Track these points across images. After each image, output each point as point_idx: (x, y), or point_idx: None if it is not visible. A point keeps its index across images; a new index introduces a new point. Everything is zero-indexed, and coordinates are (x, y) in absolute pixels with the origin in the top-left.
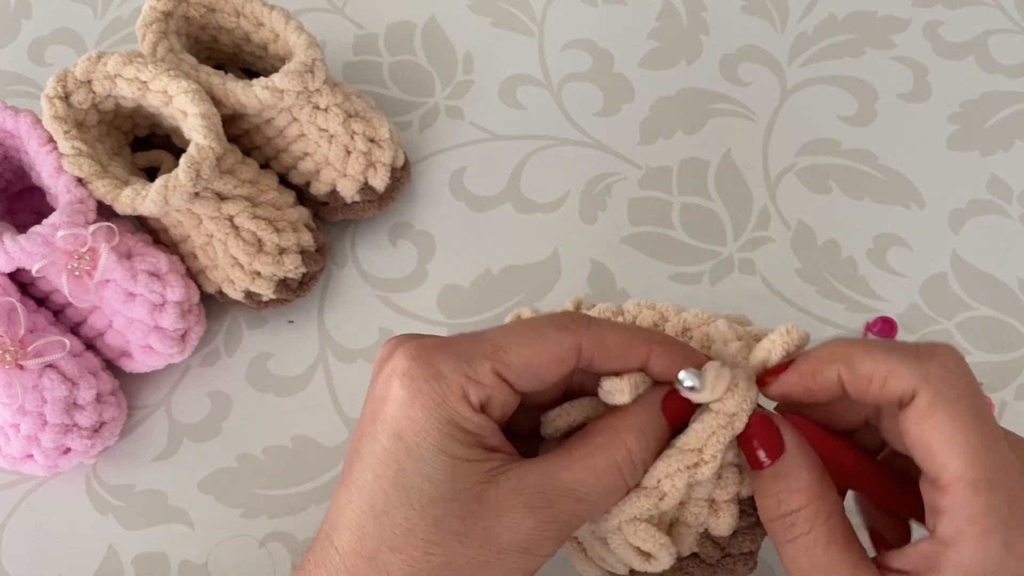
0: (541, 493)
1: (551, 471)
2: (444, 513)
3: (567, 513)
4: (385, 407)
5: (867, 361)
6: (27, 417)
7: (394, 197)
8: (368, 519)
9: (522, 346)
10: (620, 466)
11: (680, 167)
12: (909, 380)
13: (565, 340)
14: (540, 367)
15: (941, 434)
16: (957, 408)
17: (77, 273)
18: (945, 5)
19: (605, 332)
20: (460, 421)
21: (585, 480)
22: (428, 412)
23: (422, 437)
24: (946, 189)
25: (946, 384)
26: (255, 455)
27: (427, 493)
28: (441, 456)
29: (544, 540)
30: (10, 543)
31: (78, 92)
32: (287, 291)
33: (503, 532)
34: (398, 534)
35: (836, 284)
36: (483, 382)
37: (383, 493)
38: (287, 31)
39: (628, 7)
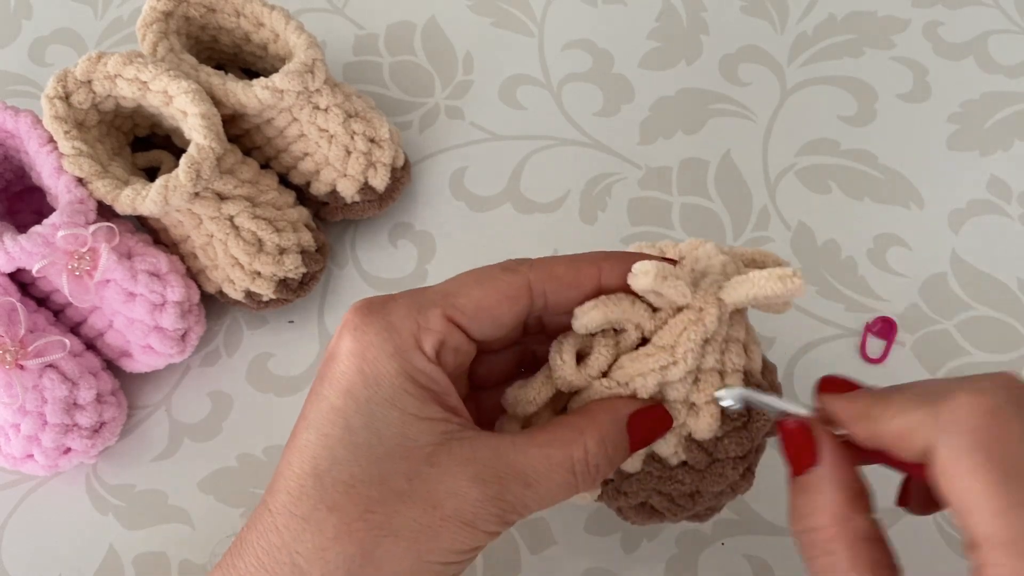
0: (492, 468)
1: (506, 449)
2: (391, 470)
3: (514, 495)
4: (334, 364)
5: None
6: (27, 417)
7: (394, 197)
8: (308, 478)
9: (471, 289)
10: (575, 464)
11: (680, 167)
12: (927, 434)
13: (513, 279)
14: (492, 308)
15: (963, 491)
16: (975, 459)
17: (77, 273)
18: (945, 5)
19: (551, 264)
20: (413, 373)
21: (538, 468)
22: (379, 364)
23: (373, 391)
24: (946, 189)
25: (962, 434)
26: (255, 455)
27: (375, 449)
28: (393, 411)
29: (488, 516)
30: (10, 543)
31: (78, 92)
32: (287, 291)
33: (448, 498)
34: (339, 491)
35: (836, 284)
36: (435, 328)
37: (328, 451)
38: (287, 31)
39: (628, 7)
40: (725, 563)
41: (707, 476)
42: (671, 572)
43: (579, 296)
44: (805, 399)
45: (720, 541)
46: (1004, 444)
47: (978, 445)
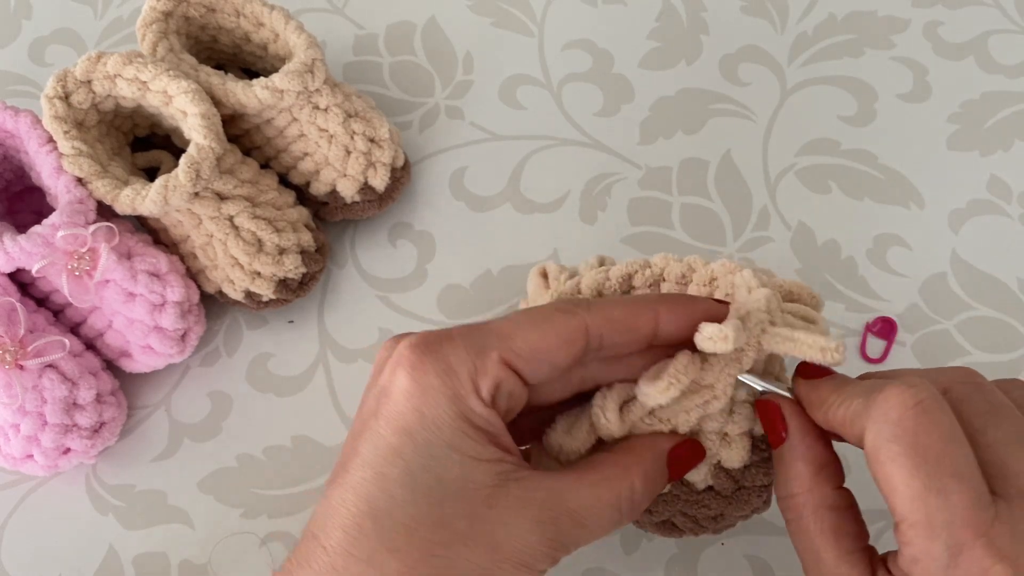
0: (548, 510)
1: (560, 490)
2: (452, 513)
3: (567, 535)
4: (389, 401)
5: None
6: (27, 417)
7: (394, 197)
8: (366, 519)
9: (528, 332)
10: (622, 503)
11: (680, 167)
12: (859, 422)
13: (571, 322)
14: (548, 352)
15: (883, 476)
16: (895, 448)
17: (77, 273)
18: (945, 5)
19: (609, 308)
20: (471, 416)
21: (590, 508)
22: (439, 407)
23: (432, 434)
24: (946, 189)
25: (886, 423)
26: (255, 455)
27: (435, 492)
28: (453, 454)
29: (542, 557)
30: (10, 543)
31: (78, 92)
32: (287, 291)
33: (507, 541)
34: (400, 534)
35: (836, 284)
36: (492, 372)
37: (385, 492)
38: (287, 31)
39: (628, 7)
40: (725, 563)
41: (733, 502)
42: (671, 572)
43: (635, 340)
44: None
45: (720, 541)
46: (922, 435)
47: (898, 435)
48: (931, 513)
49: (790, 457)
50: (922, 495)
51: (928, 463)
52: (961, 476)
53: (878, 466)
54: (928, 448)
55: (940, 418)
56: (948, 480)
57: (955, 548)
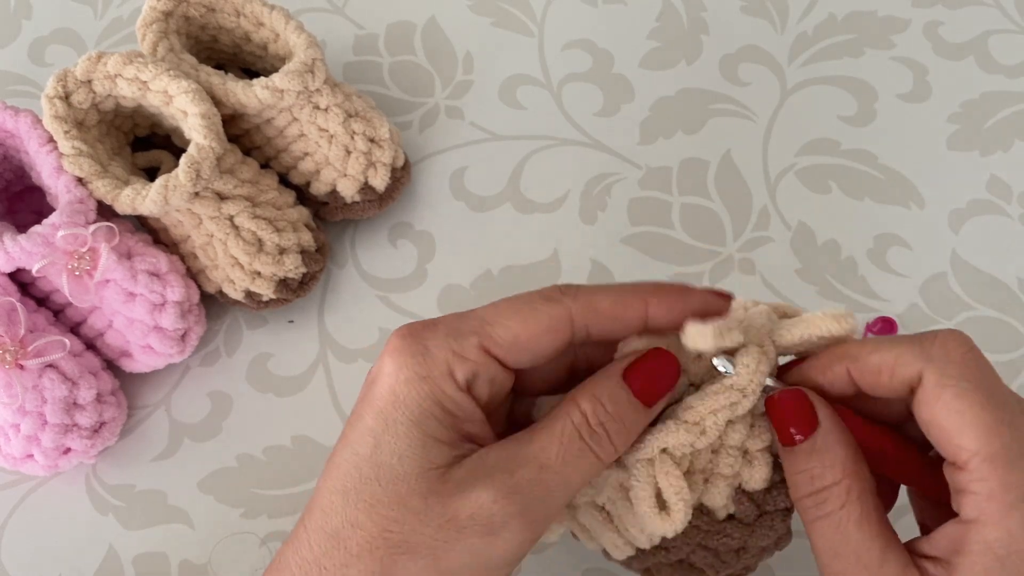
0: (501, 465)
1: (512, 446)
2: (407, 491)
3: (529, 482)
4: (374, 386)
5: (873, 355)
6: (27, 417)
7: (394, 197)
8: (337, 496)
9: (510, 319)
10: (578, 428)
11: (680, 167)
12: (914, 364)
13: (554, 310)
14: (530, 340)
15: (951, 412)
16: (964, 385)
17: (77, 273)
18: (945, 5)
19: (595, 296)
20: (442, 399)
21: (546, 447)
22: (411, 386)
23: (401, 412)
24: (946, 189)
25: (950, 362)
26: (255, 455)
27: (395, 469)
28: (414, 431)
29: (507, 518)
30: (10, 543)
31: (78, 92)
32: (287, 291)
33: (462, 507)
34: (361, 510)
35: (836, 284)
36: (469, 357)
37: (356, 470)
38: (287, 31)
39: (628, 7)
40: None
41: (756, 530)
42: None
43: (623, 329)
44: None
45: None
46: (986, 373)
47: (966, 372)
48: (1006, 443)
49: (827, 443)
50: (995, 428)
51: (997, 398)
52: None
53: (942, 404)
54: (995, 385)
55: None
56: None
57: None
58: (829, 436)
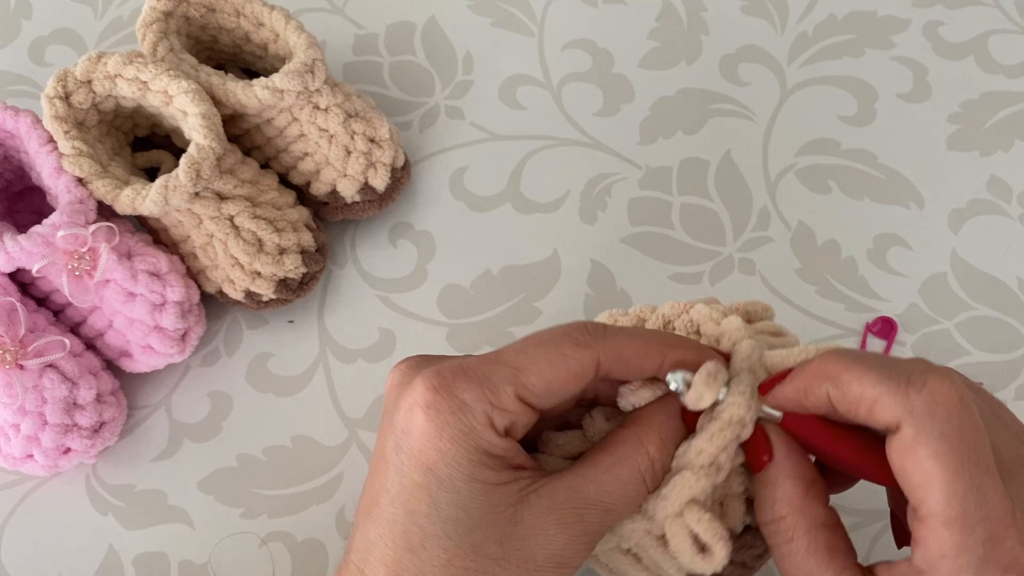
0: (572, 508)
1: (579, 485)
2: (482, 539)
3: (596, 524)
4: (409, 439)
5: (855, 385)
6: (27, 417)
7: (394, 197)
8: (404, 554)
9: (541, 367)
10: (643, 475)
11: (680, 167)
12: (895, 412)
13: (584, 356)
14: (560, 387)
15: (921, 470)
16: (940, 446)
17: (77, 273)
18: (945, 5)
19: (621, 343)
20: (488, 448)
21: (612, 492)
22: (457, 444)
23: (453, 468)
24: (946, 189)
25: (932, 420)
26: (255, 455)
27: (463, 522)
28: (473, 484)
29: (576, 553)
30: (10, 543)
31: (78, 92)
32: (287, 291)
33: (538, 550)
34: (437, 566)
35: (836, 284)
36: (507, 408)
37: (418, 527)
38: (287, 31)
39: (628, 7)
40: None
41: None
42: None
43: (639, 376)
44: None
45: None
46: (966, 433)
47: (945, 433)
48: (969, 510)
49: (777, 476)
50: (963, 494)
51: (970, 462)
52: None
53: (914, 460)
54: (971, 447)
55: (976, 415)
56: (984, 478)
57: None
58: (780, 471)
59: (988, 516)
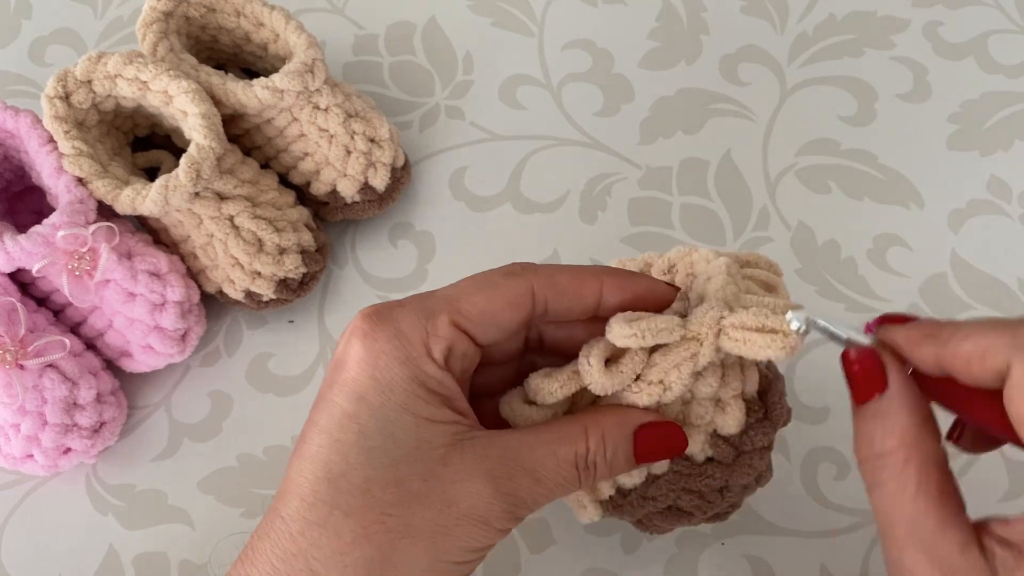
0: (503, 465)
1: (516, 447)
2: (407, 472)
3: (524, 491)
4: (344, 369)
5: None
6: (27, 417)
7: (394, 197)
8: (322, 484)
9: (475, 295)
10: (578, 460)
11: (680, 167)
12: (1003, 353)
13: (517, 285)
14: (496, 313)
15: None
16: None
17: (77, 273)
18: (945, 5)
19: (554, 272)
20: (424, 379)
21: (546, 464)
22: (391, 371)
23: (386, 396)
24: (946, 189)
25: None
26: (255, 455)
27: (390, 452)
28: (405, 415)
29: (500, 513)
30: (10, 543)
31: (78, 92)
32: (287, 291)
33: (463, 497)
34: (355, 495)
35: (836, 284)
36: (443, 335)
37: (341, 456)
38: (287, 31)
39: (628, 7)
40: (725, 563)
41: (736, 468)
42: (671, 572)
43: (580, 307)
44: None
45: (720, 541)
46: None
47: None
48: None
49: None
50: None
51: None
52: None
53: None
54: None
55: None
56: None
57: None
58: (894, 401)
59: None
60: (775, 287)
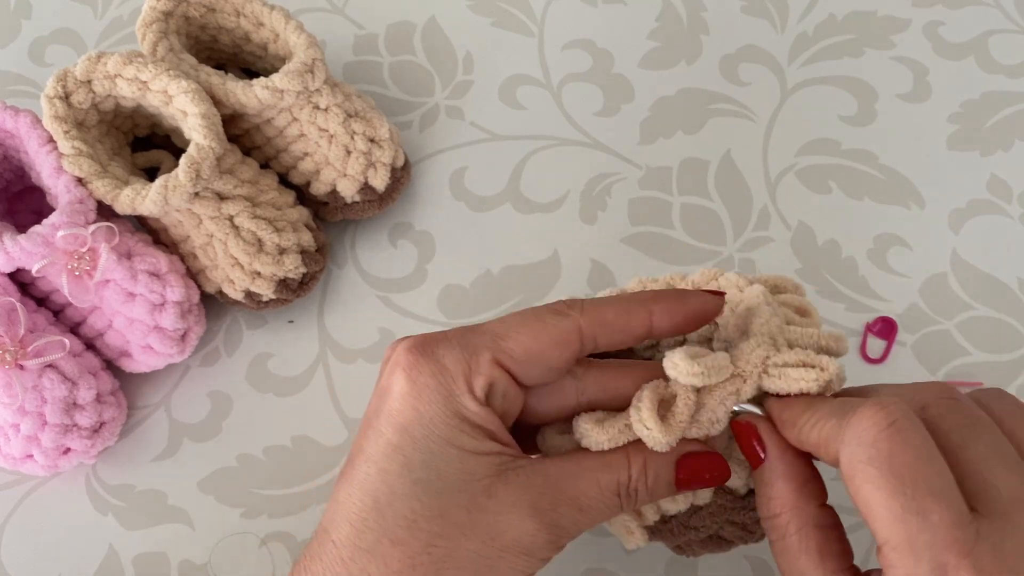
0: (547, 496)
1: (559, 476)
2: (451, 504)
3: (568, 520)
4: (389, 401)
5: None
6: (27, 417)
7: (394, 197)
8: (370, 512)
9: (520, 333)
10: (620, 488)
11: (680, 167)
12: (834, 445)
13: (563, 323)
14: (541, 353)
15: (862, 498)
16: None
17: (77, 273)
18: (945, 5)
19: (602, 308)
20: (466, 413)
21: (589, 493)
22: (434, 405)
23: (429, 430)
24: (946, 189)
25: (859, 445)
26: (255, 455)
27: (434, 485)
28: (448, 448)
29: (544, 544)
30: (10, 543)
31: (78, 92)
32: (287, 291)
33: (507, 529)
34: (401, 526)
35: (836, 284)
36: (484, 372)
37: (387, 486)
38: (287, 31)
39: (628, 7)
40: (725, 563)
41: None
42: (671, 572)
43: (630, 339)
44: None
45: None
46: (897, 455)
47: (873, 457)
48: (912, 535)
49: (771, 476)
50: (901, 517)
51: (905, 484)
52: (939, 495)
53: (855, 489)
54: (904, 468)
55: (914, 437)
56: (926, 500)
57: (939, 570)
58: (773, 471)
59: (934, 543)
60: (808, 312)
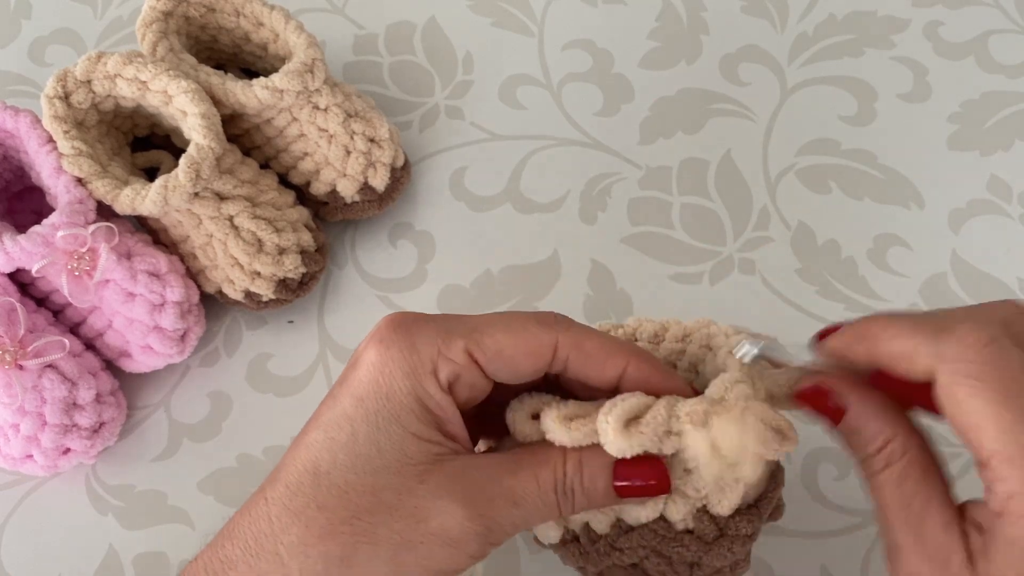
0: (481, 488)
1: (495, 472)
2: (384, 483)
3: (502, 514)
4: (355, 370)
5: (893, 342)
6: (27, 417)
7: (394, 197)
8: (307, 477)
9: (500, 332)
10: (557, 484)
11: (680, 167)
12: (927, 361)
13: (543, 335)
14: (514, 356)
15: (965, 413)
16: (976, 385)
17: (77, 273)
18: (945, 5)
19: (584, 336)
20: (423, 396)
21: (527, 487)
22: (395, 381)
23: (382, 404)
24: (946, 189)
25: (962, 361)
26: (255, 455)
27: (373, 461)
28: (395, 426)
29: (473, 536)
30: (10, 543)
31: (78, 92)
32: (287, 291)
33: (434, 515)
34: (333, 494)
35: (836, 284)
36: (454, 359)
37: (330, 454)
38: (287, 31)
39: (628, 7)
40: None
41: (713, 548)
42: None
43: (599, 379)
44: None
45: None
46: (1004, 369)
47: (980, 372)
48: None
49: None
50: (1012, 427)
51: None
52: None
53: (956, 404)
54: (1012, 381)
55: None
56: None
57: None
58: (859, 417)
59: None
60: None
